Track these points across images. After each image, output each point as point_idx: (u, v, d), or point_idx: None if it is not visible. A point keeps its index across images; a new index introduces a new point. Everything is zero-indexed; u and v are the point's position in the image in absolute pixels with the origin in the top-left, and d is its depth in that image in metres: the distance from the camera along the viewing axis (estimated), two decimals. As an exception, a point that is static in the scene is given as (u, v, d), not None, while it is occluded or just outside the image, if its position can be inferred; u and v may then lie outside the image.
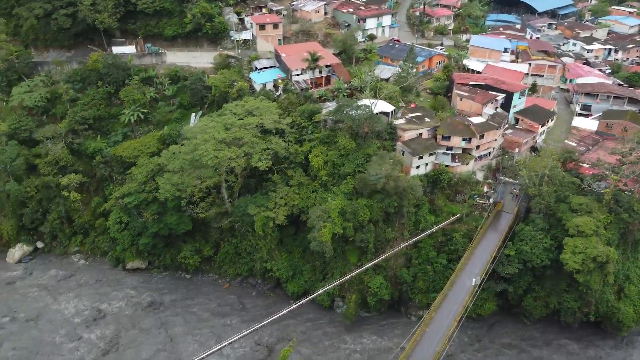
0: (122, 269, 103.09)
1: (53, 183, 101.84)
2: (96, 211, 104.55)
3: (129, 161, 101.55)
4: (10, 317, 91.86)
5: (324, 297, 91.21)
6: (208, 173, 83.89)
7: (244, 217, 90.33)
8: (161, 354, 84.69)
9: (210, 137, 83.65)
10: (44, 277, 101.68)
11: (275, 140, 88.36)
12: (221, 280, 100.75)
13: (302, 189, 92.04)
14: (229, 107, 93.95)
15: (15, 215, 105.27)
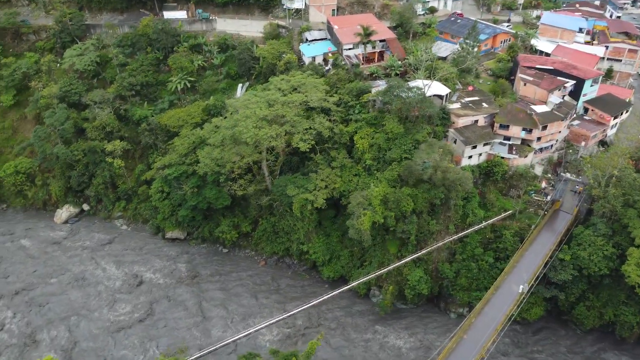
0: (162, 237, 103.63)
1: (99, 148, 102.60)
2: (139, 178, 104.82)
3: (173, 130, 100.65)
4: (54, 278, 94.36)
5: (360, 285, 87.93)
6: (248, 150, 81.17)
7: (282, 196, 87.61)
8: (192, 329, 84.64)
9: (251, 113, 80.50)
10: (87, 239, 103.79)
11: (319, 119, 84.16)
12: (257, 258, 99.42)
13: (344, 172, 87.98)
14: (275, 81, 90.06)
15: (64, 177, 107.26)
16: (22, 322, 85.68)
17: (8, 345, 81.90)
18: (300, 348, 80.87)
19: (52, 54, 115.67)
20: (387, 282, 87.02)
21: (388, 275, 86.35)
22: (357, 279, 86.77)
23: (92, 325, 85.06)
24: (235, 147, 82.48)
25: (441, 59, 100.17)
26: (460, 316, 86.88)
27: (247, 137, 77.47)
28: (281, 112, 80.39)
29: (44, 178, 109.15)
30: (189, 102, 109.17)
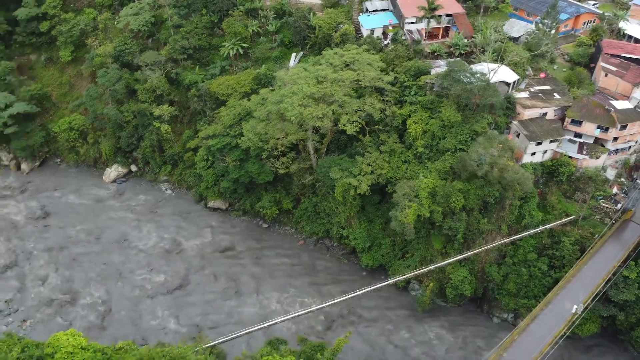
0: (204, 206, 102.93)
1: (148, 111, 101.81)
2: (186, 144, 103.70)
3: (222, 99, 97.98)
4: (96, 237, 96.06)
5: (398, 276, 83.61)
6: (292, 128, 77.15)
7: (325, 178, 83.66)
8: (225, 304, 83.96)
9: (298, 89, 75.97)
10: (133, 200, 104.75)
11: (370, 100, 78.53)
12: (297, 236, 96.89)
13: (393, 157, 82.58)
14: (327, 55, 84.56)
15: (114, 136, 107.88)
16: (63, 278, 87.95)
17: (48, 300, 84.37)
18: (330, 336, 78.75)
19: (109, 11, 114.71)
20: (427, 278, 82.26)
21: (429, 271, 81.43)
22: (397, 271, 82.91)
23: (127, 289, 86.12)
24: (280, 124, 78.61)
25: (513, 40, 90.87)
26: (503, 321, 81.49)
27: (291, 116, 73.33)
28: (330, 90, 75.32)
29: (96, 136, 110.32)
30: (240, 70, 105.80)
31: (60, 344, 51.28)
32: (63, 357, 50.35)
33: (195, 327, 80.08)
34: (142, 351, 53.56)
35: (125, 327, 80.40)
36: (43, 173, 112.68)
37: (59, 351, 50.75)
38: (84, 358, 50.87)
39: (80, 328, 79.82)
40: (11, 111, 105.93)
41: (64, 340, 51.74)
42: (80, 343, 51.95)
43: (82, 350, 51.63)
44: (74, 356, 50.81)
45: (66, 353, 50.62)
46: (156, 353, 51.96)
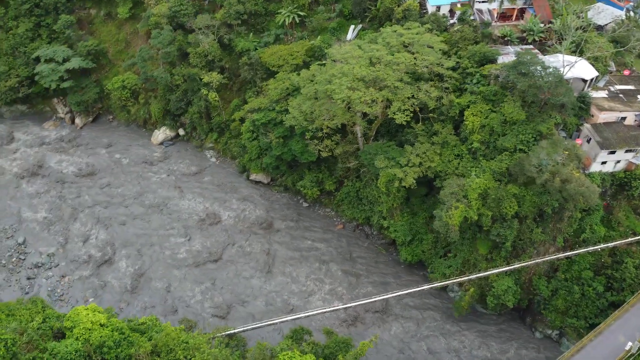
0: (246, 178, 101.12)
1: (198, 76, 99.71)
2: (233, 113, 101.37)
3: (273, 69, 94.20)
4: (138, 198, 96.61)
5: (437, 275, 79.09)
6: (339, 110, 72.40)
7: (370, 165, 79.10)
8: (255, 281, 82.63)
9: (349, 70, 70.77)
10: (177, 165, 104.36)
11: (426, 87, 72.33)
12: (336, 219, 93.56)
13: (445, 150, 76.60)
14: (386, 33, 78.31)
15: (164, 99, 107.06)
16: (103, 238, 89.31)
17: (87, 258, 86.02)
18: (359, 330, 76.06)
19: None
20: (468, 282, 77.09)
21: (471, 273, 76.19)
22: (437, 270, 78.71)
23: (162, 255, 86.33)
24: (327, 104, 74.09)
25: (597, 29, 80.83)
26: (547, 337, 75.68)
27: (338, 99, 68.59)
28: (382, 74, 69.65)
29: (147, 97, 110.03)
30: (295, 39, 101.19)
31: (80, 319, 50.97)
32: (81, 333, 50.06)
33: (223, 303, 79.41)
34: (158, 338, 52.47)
35: (156, 294, 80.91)
36: (95, 129, 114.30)
37: (78, 326, 50.44)
38: (101, 335, 50.35)
39: (113, 290, 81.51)
40: (68, 66, 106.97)
41: (83, 315, 51.45)
42: (99, 320, 51.50)
43: (100, 327, 51.12)
44: (92, 332, 50.40)
45: (84, 329, 50.24)
46: (171, 340, 50.80)
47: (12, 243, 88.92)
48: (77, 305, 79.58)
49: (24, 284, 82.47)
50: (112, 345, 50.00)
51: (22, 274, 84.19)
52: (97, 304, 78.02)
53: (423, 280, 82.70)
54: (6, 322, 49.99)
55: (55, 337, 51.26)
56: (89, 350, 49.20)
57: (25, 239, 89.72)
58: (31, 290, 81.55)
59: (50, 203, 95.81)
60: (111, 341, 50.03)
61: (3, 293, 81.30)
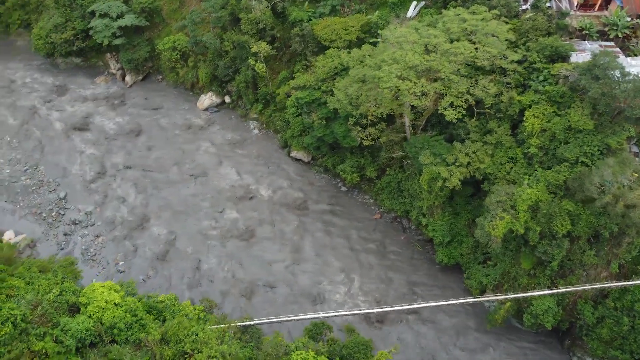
0: (287, 154, 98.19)
1: (248, 44, 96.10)
2: (280, 86, 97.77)
3: (324, 44, 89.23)
4: (177, 164, 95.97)
5: (473, 282, 74.42)
6: (385, 99, 67.21)
7: (414, 159, 74.07)
8: (283, 264, 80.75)
9: (401, 56, 65.06)
10: (219, 133, 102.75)
11: (484, 82, 65.70)
12: (374, 208, 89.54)
13: (498, 151, 70.32)
14: (447, 17, 71.42)
15: (213, 64, 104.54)
16: (139, 202, 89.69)
17: (122, 220, 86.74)
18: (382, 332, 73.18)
19: None
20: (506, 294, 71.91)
21: (510, 286, 71.11)
22: (473, 276, 74.18)
23: (194, 226, 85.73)
24: (374, 91, 69.03)
25: (695, 28, 70.66)
26: (585, 364, 70.06)
27: (385, 88, 63.41)
28: (437, 65, 63.55)
29: (196, 60, 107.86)
30: (352, 12, 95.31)
31: (95, 297, 50.51)
32: (94, 311, 49.66)
33: (248, 282, 78.26)
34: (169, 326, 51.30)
35: (183, 265, 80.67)
36: (144, 88, 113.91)
37: (92, 304, 50.01)
38: (114, 315, 49.78)
39: (143, 256, 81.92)
40: (121, 22, 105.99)
41: (98, 292, 50.98)
42: (113, 299, 50.87)
43: (114, 307, 50.50)
44: (105, 312, 49.90)
45: (98, 307, 49.77)
46: (182, 329, 49.58)
47: (54, 197, 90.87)
48: (108, 266, 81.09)
49: (60, 240, 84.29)
50: (123, 327, 49.38)
51: (60, 229, 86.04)
52: (126, 268, 79.79)
53: (458, 284, 78.40)
54: (24, 291, 50.16)
55: (70, 310, 51.13)
56: (100, 330, 48.74)
57: (67, 194, 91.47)
58: (66, 247, 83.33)
59: (93, 160, 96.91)
60: (122, 323, 49.40)
61: (41, 247, 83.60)
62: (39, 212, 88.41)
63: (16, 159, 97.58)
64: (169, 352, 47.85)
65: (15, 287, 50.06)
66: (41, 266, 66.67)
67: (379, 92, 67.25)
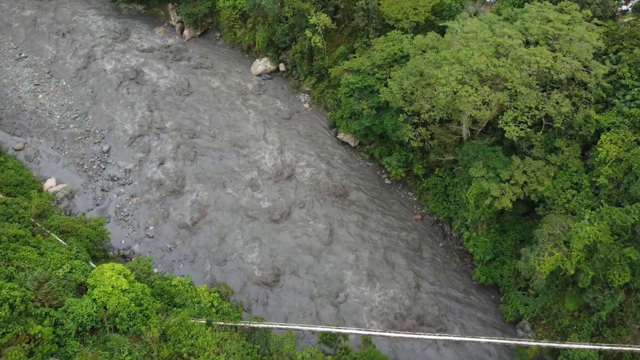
0: (334, 134, 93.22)
1: (308, 13, 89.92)
2: (338, 60, 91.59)
3: (389, 23, 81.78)
4: (221, 130, 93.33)
5: (509, 309, 68.42)
6: (440, 102, 60.17)
7: (464, 168, 67.26)
8: (311, 255, 77.35)
9: (466, 57, 57.37)
10: (269, 102, 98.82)
11: (557, 98, 57.15)
12: (417, 207, 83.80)
13: (562, 174, 62.27)
14: (528, 13, 62.17)
15: (271, 28, 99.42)
16: (178, 165, 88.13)
17: (159, 183, 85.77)
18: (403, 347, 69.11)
19: None
20: (542, 329, 65.72)
21: (549, 323, 64.67)
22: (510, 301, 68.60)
23: (228, 200, 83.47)
24: (430, 90, 62.08)
25: None
26: (620, 419, 63.38)
27: (440, 94, 56.39)
28: (505, 72, 55.52)
29: (255, 22, 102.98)
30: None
31: (102, 280, 49.25)
32: (99, 295, 48.52)
33: (273, 268, 75.80)
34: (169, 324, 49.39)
35: (211, 238, 79.05)
36: (200, 44, 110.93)
37: (98, 287, 48.83)
38: (118, 302, 48.46)
39: (173, 223, 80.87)
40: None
41: (107, 276, 49.69)
42: (121, 284, 49.43)
43: (120, 293, 49.12)
44: (110, 297, 48.61)
45: (104, 292, 48.54)
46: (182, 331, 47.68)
47: (97, 149, 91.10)
48: (138, 229, 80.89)
49: (97, 195, 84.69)
50: (126, 317, 48.02)
51: (98, 183, 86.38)
52: (155, 233, 79.25)
53: (493, 306, 72.58)
54: (34, 264, 49.61)
55: (78, 289, 50.31)
56: (102, 315, 47.62)
57: (110, 148, 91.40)
58: (102, 203, 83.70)
59: (139, 116, 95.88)
60: (125, 312, 47.99)
61: (78, 199, 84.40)
62: (81, 163, 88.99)
63: (68, 105, 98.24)
64: (167, 352, 46.16)
65: (27, 258, 49.51)
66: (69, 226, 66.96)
67: (434, 93, 60.25)
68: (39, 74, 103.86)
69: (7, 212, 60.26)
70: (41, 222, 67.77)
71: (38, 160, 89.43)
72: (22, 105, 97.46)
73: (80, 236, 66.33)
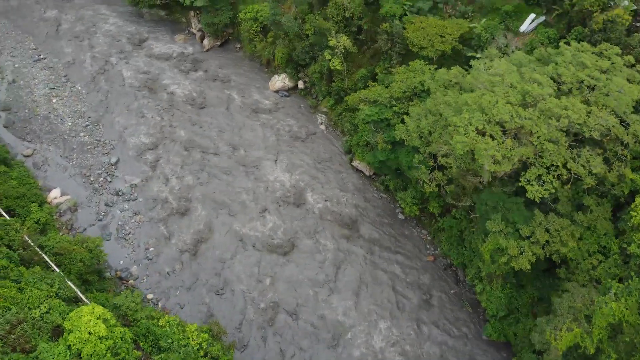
0: (349, 161, 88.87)
1: (328, 33, 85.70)
2: (357, 83, 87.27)
3: (413, 50, 76.94)
4: (233, 149, 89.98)
5: (522, 370, 63.25)
6: (457, 152, 55.20)
7: (481, 219, 62.17)
8: (315, 291, 73.35)
9: (489, 103, 52.29)
10: (284, 122, 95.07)
11: (587, 156, 51.62)
12: (430, 247, 78.91)
13: (589, 234, 56.66)
14: (562, 57, 56.66)
15: (291, 44, 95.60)
16: (185, 184, 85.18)
17: (163, 202, 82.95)
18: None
19: None
20: (557, 401, 60.17)
21: (564, 394, 59.16)
22: (522, 365, 62.45)
23: (234, 224, 79.75)
24: (447, 134, 57.21)
25: None
26: None
27: (458, 142, 51.50)
28: (531, 126, 50.26)
29: (276, 36, 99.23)
30: (455, 13, 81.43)
31: (79, 325, 46.24)
32: (74, 341, 45.55)
33: (272, 304, 72.09)
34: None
35: (212, 266, 75.66)
36: (219, 55, 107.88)
37: (75, 332, 45.87)
38: (94, 350, 45.39)
39: (174, 246, 77.79)
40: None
41: (84, 320, 46.62)
42: (98, 331, 46.32)
43: (97, 340, 46.05)
44: (86, 344, 45.56)
45: (79, 339, 45.55)
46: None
47: (105, 161, 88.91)
48: (138, 249, 78.24)
49: (100, 210, 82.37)
50: (100, 368, 44.93)
51: (103, 197, 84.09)
52: (154, 255, 76.32)
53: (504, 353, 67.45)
54: (10, 303, 46.98)
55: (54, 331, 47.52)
56: (75, 365, 44.64)
57: (118, 160, 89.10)
58: (104, 219, 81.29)
59: (151, 127, 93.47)
60: (99, 364, 44.90)
61: (81, 212, 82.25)
62: (88, 174, 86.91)
63: (80, 112, 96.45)
64: (138, 413, 42.88)
65: (3, 296, 46.92)
66: (64, 248, 64.71)
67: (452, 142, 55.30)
68: (55, 77, 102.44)
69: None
70: (37, 240, 65.72)
71: (45, 168, 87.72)
72: (35, 110, 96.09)
73: (73, 260, 63.96)
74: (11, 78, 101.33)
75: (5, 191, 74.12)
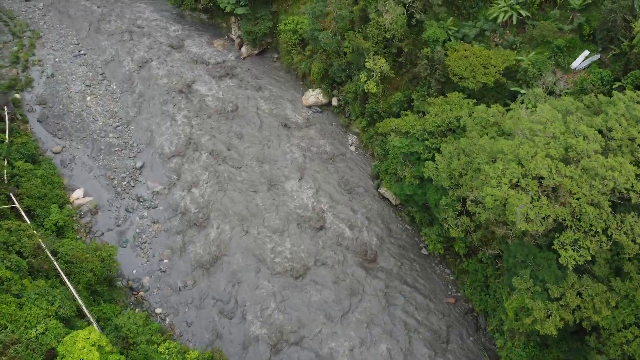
0: (376, 187, 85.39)
1: (367, 52, 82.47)
2: (392, 108, 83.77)
3: (453, 79, 72.87)
4: (257, 165, 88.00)
5: None
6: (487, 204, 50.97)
7: (509, 272, 57.76)
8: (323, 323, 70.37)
9: (527, 154, 48.00)
10: (313, 141, 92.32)
11: (632, 222, 46.67)
12: (452, 288, 74.71)
13: (625, 303, 51.46)
14: (614, 108, 51.65)
15: (329, 60, 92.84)
16: (206, 194, 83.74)
17: (183, 211, 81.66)
18: None
19: None
20: None
21: None
22: None
23: (251, 244, 77.68)
24: (478, 181, 53.17)
25: None
26: None
27: (488, 195, 47.43)
28: (570, 185, 45.74)
29: (314, 50, 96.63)
30: (503, 43, 76.80)
31: (72, 351, 44.82)
32: (66, 367, 44.01)
33: (280, 332, 69.53)
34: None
35: (224, 285, 73.74)
36: (256, 64, 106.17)
37: (67, 357, 44.46)
38: (84, 379, 43.84)
39: (189, 259, 76.23)
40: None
41: (78, 347, 45.17)
42: (91, 359, 44.70)
43: (89, 368, 44.51)
44: (78, 372, 44.03)
45: (71, 366, 44.09)
46: None
47: (131, 164, 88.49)
48: (152, 259, 77.16)
49: (120, 215, 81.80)
50: (87, 399, 43.37)
51: (124, 202, 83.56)
52: (168, 268, 75.03)
53: None
54: (7, 320, 46.02)
55: (47, 355, 46.26)
56: (63, 393, 43.22)
57: (144, 165, 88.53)
58: (123, 225, 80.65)
59: (180, 133, 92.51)
60: (88, 394, 43.33)
61: (101, 215, 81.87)
62: (112, 177, 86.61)
63: (112, 112, 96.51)
64: None
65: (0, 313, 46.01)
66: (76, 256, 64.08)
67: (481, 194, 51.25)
68: (93, 74, 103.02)
69: (9, 240, 57.51)
70: (51, 244, 65.31)
71: (72, 167, 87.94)
72: (69, 106, 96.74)
73: (84, 269, 63.18)
74: (50, 72, 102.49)
75: (28, 190, 74.31)
